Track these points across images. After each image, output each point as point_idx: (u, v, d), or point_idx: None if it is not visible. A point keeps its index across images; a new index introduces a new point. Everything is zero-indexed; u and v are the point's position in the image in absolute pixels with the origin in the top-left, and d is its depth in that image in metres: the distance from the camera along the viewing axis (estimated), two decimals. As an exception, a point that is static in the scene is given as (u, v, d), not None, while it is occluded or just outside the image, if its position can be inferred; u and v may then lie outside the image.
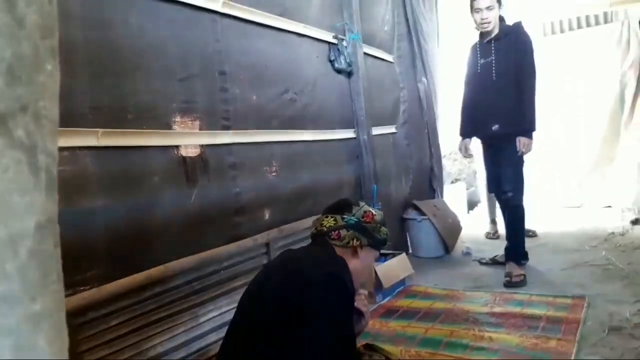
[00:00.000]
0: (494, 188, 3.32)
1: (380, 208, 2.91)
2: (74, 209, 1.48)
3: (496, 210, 4.02)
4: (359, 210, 1.49)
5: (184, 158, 1.91)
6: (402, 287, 3.00)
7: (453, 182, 6.05)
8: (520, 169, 3.08)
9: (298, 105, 2.68)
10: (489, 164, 3.33)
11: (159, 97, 1.83)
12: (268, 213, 2.37)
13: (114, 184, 1.63)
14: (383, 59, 3.76)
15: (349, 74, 3.16)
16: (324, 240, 1.45)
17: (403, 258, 3.08)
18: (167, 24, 1.88)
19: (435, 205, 3.84)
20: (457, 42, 5.03)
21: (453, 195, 5.14)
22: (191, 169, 1.94)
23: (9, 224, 0.38)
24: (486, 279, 3.11)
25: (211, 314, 1.97)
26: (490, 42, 3.08)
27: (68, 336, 0.45)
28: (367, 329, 1.76)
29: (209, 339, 1.95)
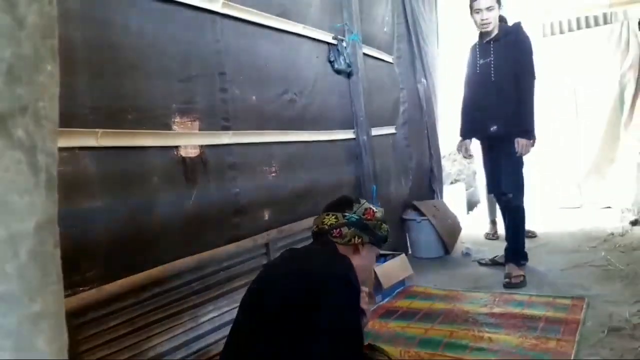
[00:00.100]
0: (493, 189, 3.32)
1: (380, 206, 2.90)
2: (73, 209, 1.48)
3: (496, 211, 4.02)
4: (360, 208, 1.49)
5: (183, 158, 1.91)
6: (402, 288, 3.00)
7: (452, 183, 6.05)
8: (520, 170, 3.08)
9: (298, 106, 2.68)
10: (488, 165, 3.33)
11: (158, 98, 1.83)
12: (268, 213, 2.37)
13: (114, 184, 1.63)
14: (383, 60, 3.77)
15: (348, 75, 3.16)
16: (326, 238, 1.45)
17: (403, 259, 3.08)
18: (167, 25, 1.88)
19: (434, 206, 3.84)
20: (457, 43, 5.03)
21: (452, 196, 5.14)
22: (191, 169, 1.94)
23: (8, 224, 0.38)
24: (486, 279, 3.11)
25: (211, 315, 1.97)
26: (489, 43, 3.08)
27: (67, 336, 0.45)
28: (367, 329, 1.76)
29: (209, 340, 1.95)
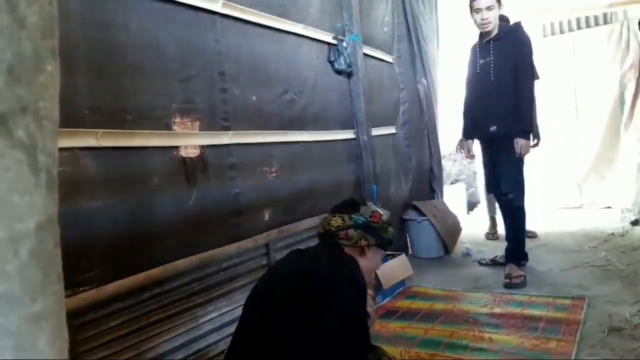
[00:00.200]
0: (493, 189, 3.31)
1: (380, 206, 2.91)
2: (73, 209, 1.48)
3: (495, 209, 4.01)
4: (367, 210, 1.50)
5: (183, 159, 1.91)
6: (402, 288, 3.00)
7: (453, 183, 6.06)
8: (520, 171, 3.07)
9: (298, 106, 2.68)
10: (487, 165, 3.32)
11: (158, 98, 1.83)
12: (268, 214, 2.37)
13: (114, 184, 1.63)
14: (383, 60, 3.77)
15: (348, 75, 3.16)
16: (333, 239, 1.46)
17: (403, 259, 3.08)
18: (167, 25, 1.88)
19: (435, 206, 3.84)
20: (457, 43, 5.03)
21: (453, 196, 5.15)
22: (191, 169, 1.94)
23: (9, 225, 0.38)
24: (486, 279, 3.11)
25: (211, 315, 1.97)
26: (489, 43, 3.08)
27: (68, 337, 0.45)
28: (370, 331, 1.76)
29: (209, 340, 1.95)
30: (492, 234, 4.19)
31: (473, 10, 3.03)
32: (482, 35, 3.14)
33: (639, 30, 4.84)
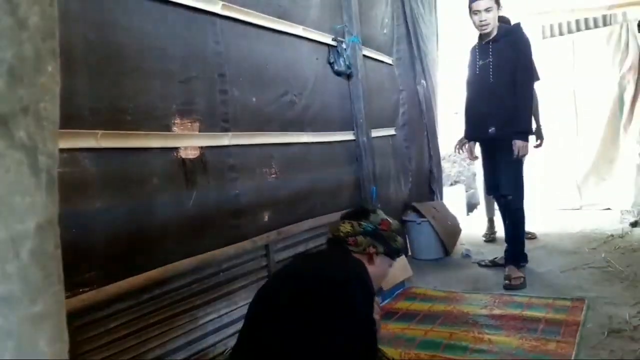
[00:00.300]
0: (492, 191, 3.31)
1: (379, 208, 2.91)
2: (73, 210, 1.48)
3: (494, 209, 4.01)
4: (376, 218, 1.52)
5: (183, 160, 1.91)
6: (402, 290, 3.00)
7: (452, 184, 6.07)
8: (519, 172, 3.08)
9: (297, 107, 2.68)
10: (487, 166, 3.32)
11: (158, 99, 1.83)
12: (267, 215, 2.37)
13: (114, 185, 1.63)
14: (382, 61, 3.77)
15: (348, 76, 3.17)
16: (342, 245, 1.47)
17: (402, 260, 3.08)
18: (167, 26, 1.88)
19: (434, 208, 3.84)
20: (457, 44, 5.04)
21: (452, 198, 5.15)
22: (190, 170, 1.94)
23: (9, 225, 0.38)
24: (485, 281, 3.11)
25: (210, 316, 1.97)
26: (488, 44, 3.08)
27: (68, 338, 0.45)
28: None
29: (209, 341, 1.95)
30: (490, 235, 4.18)
31: (472, 11, 3.03)
32: (482, 36, 3.14)
33: (638, 32, 4.84)
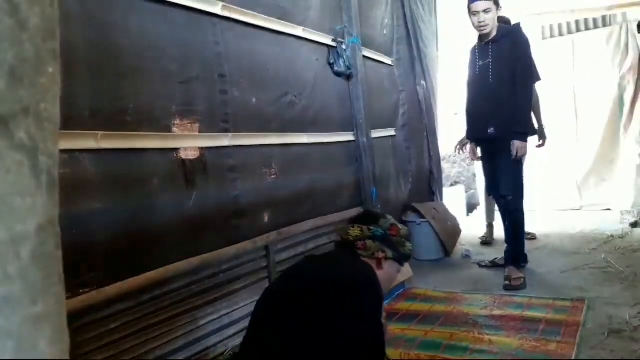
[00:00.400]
0: (492, 191, 3.31)
1: (379, 209, 2.91)
2: (73, 211, 1.48)
3: (494, 215, 3.99)
4: (386, 223, 1.51)
5: (183, 161, 1.91)
6: (402, 290, 3.00)
7: (452, 185, 6.07)
8: (519, 173, 3.08)
9: (297, 108, 2.68)
10: (487, 167, 3.32)
11: (158, 100, 1.83)
12: (267, 216, 2.37)
13: (114, 186, 1.63)
14: (382, 62, 3.77)
15: (348, 77, 3.17)
16: (351, 249, 1.46)
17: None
18: (167, 27, 1.89)
19: (434, 208, 3.84)
20: (457, 45, 5.04)
21: (452, 198, 5.15)
22: (190, 171, 1.94)
23: (10, 226, 0.38)
24: (486, 281, 3.11)
25: (210, 317, 1.97)
26: (488, 44, 3.08)
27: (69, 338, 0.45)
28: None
29: (208, 342, 1.95)
30: (487, 239, 4.14)
31: (470, 12, 3.03)
32: (481, 37, 3.14)
33: (638, 33, 4.85)
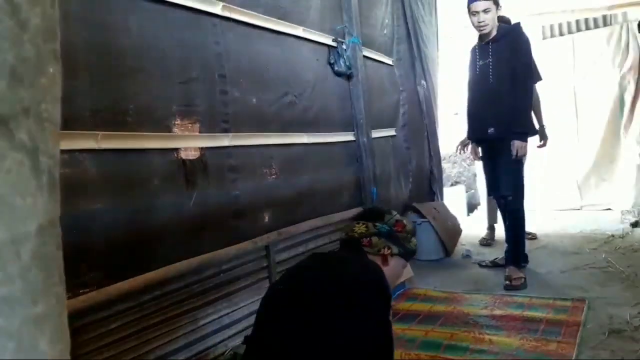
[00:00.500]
0: (493, 191, 3.31)
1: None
2: (73, 211, 1.48)
3: (496, 217, 3.98)
4: (391, 219, 1.50)
5: (183, 161, 1.91)
6: (402, 290, 3.00)
7: (453, 185, 6.06)
8: (519, 173, 3.07)
9: (298, 108, 2.68)
10: (487, 167, 3.32)
11: (158, 100, 1.83)
12: (267, 216, 2.37)
13: (114, 186, 1.63)
14: (383, 62, 3.77)
15: (348, 77, 3.17)
16: (356, 246, 1.46)
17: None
18: (167, 27, 1.89)
19: (435, 208, 3.84)
20: (457, 45, 5.04)
21: (453, 198, 5.14)
22: (191, 171, 1.94)
23: (11, 226, 0.38)
24: (486, 281, 3.11)
25: (211, 317, 1.97)
26: (488, 44, 3.08)
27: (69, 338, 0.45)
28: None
29: (209, 342, 1.95)
30: (487, 240, 4.13)
31: (470, 12, 3.03)
32: (482, 36, 3.14)
33: (639, 32, 4.84)
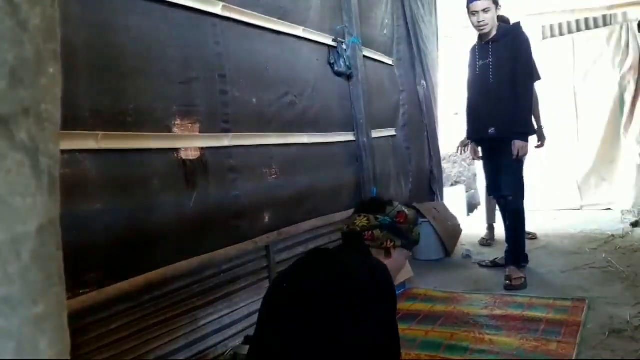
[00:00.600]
0: (493, 191, 3.31)
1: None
2: (74, 211, 1.48)
3: (495, 216, 3.99)
4: (393, 211, 1.47)
5: (183, 161, 1.91)
6: (402, 290, 3.00)
7: (453, 185, 6.06)
8: (519, 173, 3.07)
9: (298, 108, 2.68)
10: (488, 167, 3.32)
11: (158, 100, 1.83)
12: (268, 216, 2.37)
13: (114, 186, 1.63)
14: (383, 62, 3.77)
15: (348, 77, 3.17)
16: (359, 241, 1.43)
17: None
18: (167, 27, 1.89)
19: (435, 208, 3.84)
20: (457, 45, 5.04)
21: (453, 198, 5.14)
22: (191, 172, 1.94)
23: (11, 227, 0.38)
24: (486, 281, 3.11)
25: (211, 317, 1.97)
26: (488, 44, 3.08)
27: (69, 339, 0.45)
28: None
29: (209, 342, 1.95)
30: (487, 240, 4.13)
31: (470, 12, 3.03)
32: (481, 36, 3.14)
33: (639, 32, 4.84)
